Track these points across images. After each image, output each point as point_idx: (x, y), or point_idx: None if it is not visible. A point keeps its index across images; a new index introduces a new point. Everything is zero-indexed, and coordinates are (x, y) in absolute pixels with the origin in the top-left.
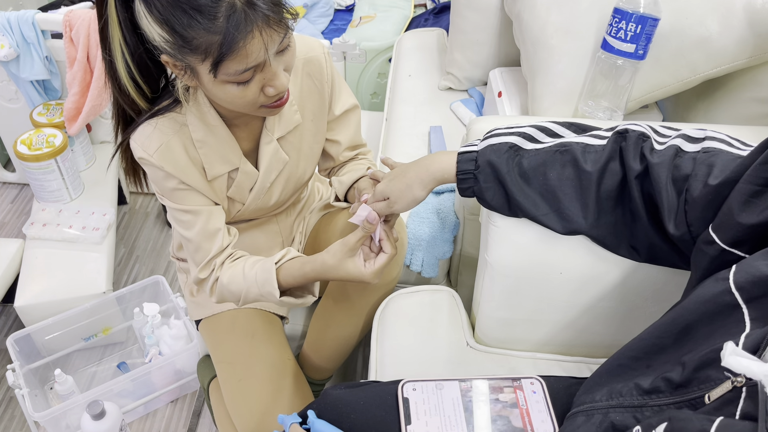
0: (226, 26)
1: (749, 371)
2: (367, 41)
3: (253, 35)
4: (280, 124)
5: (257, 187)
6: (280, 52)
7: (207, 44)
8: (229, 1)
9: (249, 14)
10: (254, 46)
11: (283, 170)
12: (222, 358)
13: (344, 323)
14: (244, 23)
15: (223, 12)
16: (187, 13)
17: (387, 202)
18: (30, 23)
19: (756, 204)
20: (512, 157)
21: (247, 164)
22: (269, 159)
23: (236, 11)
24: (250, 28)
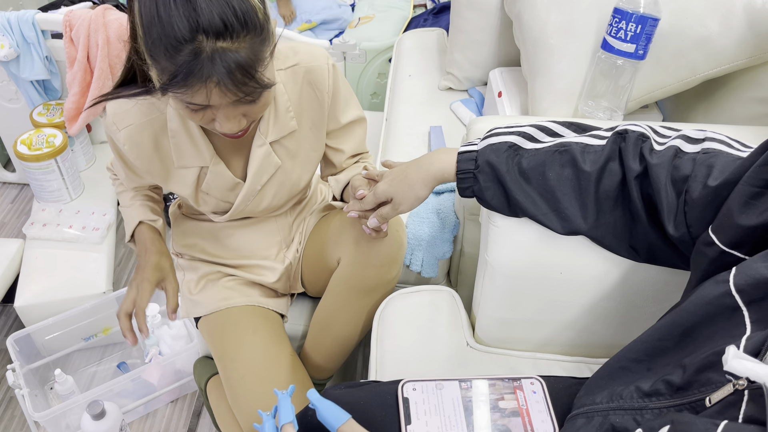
0: (183, 65)
1: (753, 374)
2: (366, 41)
3: (206, 85)
4: (274, 129)
5: (246, 190)
6: (243, 103)
7: (163, 66)
8: (197, 47)
9: (207, 68)
10: (201, 94)
11: (276, 175)
12: (223, 355)
13: (344, 323)
14: (199, 72)
15: (186, 53)
16: (159, 33)
17: (392, 205)
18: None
19: (755, 206)
20: (512, 157)
21: (219, 165)
22: (260, 162)
23: (198, 59)
24: (203, 79)
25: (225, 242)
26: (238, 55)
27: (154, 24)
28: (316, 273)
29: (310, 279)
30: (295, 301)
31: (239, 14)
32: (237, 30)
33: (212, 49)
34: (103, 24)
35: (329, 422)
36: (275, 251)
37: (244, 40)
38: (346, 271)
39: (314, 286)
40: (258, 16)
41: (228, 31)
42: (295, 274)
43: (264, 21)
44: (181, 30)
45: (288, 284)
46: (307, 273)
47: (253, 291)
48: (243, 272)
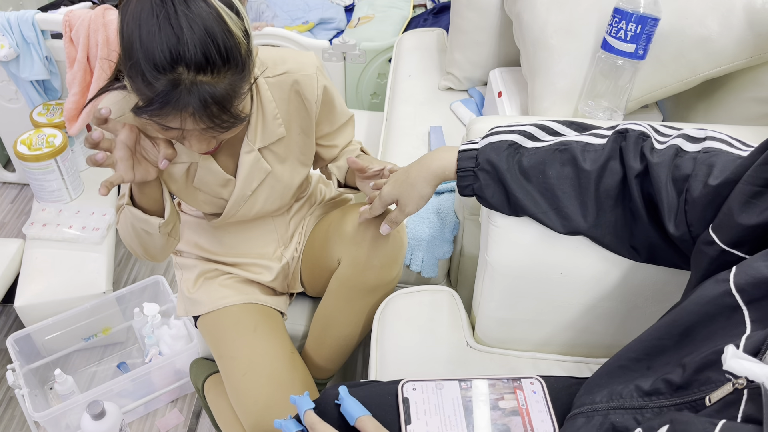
0: (161, 92)
1: (752, 374)
2: (366, 41)
3: (177, 115)
4: (263, 135)
5: (236, 194)
6: (209, 129)
7: (139, 89)
8: (176, 77)
9: (184, 99)
10: (175, 121)
11: (266, 180)
12: (224, 353)
13: (345, 323)
14: (175, 102)
15: (164, 83)
16: (138, 58)
17: (399, 208)
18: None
19: (756, 205)
20: (512, 155)
21: (208, 160)
22: (249, 168)
23: (176, 89)
24: (178, 109)
25: (222, 240)
26: (216, 90)
27: (136, 47)
28: (316, 273)
29: (310, 279)
30: (295, 301)
31: (222, 50)
32: (218, 65)
33: (191, 82)
34: (103, 24)
35: (351, 414)
36: (272, 249)
37: (224, 76)
38: (347, 272)
39: (314, 286)
40: (241, 51)
41: (209, 66)
42: (293, 273)
43: (246, 56)
44: (162, 59)
45: (286, 283)
46: (307, 273)
47: (251, 289)
48: (240, 270)
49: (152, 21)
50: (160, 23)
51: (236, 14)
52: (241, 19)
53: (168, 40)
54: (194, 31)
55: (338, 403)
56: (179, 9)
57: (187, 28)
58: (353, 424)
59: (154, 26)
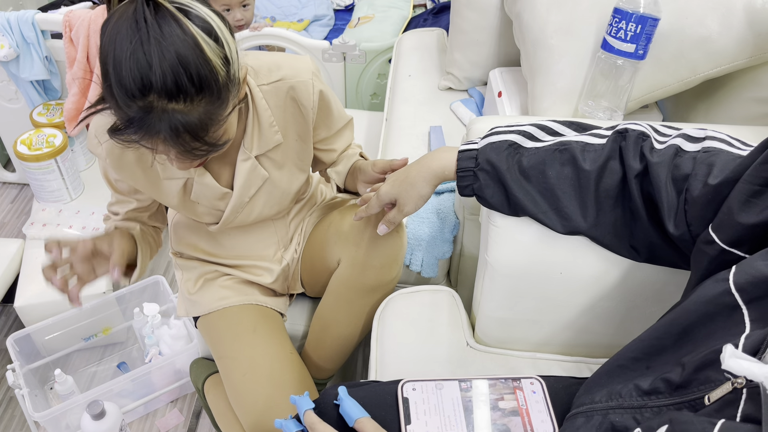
0: (133, 117)
1: (750, 373)
2: (366, 42)
3: (150, 139)
4: (259, 143)
5: (234, 202)
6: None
7: (115, 110)
8: (147, 104)
9: (155, 126)
10: (151, 144)
11: (264, 186)
12: (224, 353)
13: (344, 323)
14: (148, 128)
15: (136, 109)
16: (112, 81)
17: (397, 208)
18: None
19: (756, 204)
20: (512, 155)
21: (204, 176)
22: (246, 175)
23: (148, 115)
24: (151, 134)
25: (222, 242)
26: (189, 118)
27: (110, 71)
28: (316, 273)
29: (310, 279)
30: (295, 301)
31: (195, 78)
32: (191, 94)
33: (162, 109)
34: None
35: (350, 416)
36: (272, 252)
37: (198, 104)
38: (347, 272)
39: (314, 286)
40: (217, 79)
41: (181, 94)
42: (293, 274)
43: (224, 84)
44: (133, 86)
45: (286, 285)
46: (307, 273)
47: (251, 290)
48: (240, 272)
49: (126, 45)
50: (133, 48)
51: (215, 41)
52: (221, 45)
53: (139, 66)
54: (166, 59)
55: (338, 403)
56: (152, 34)
57: (159, 55)
58: (352, 425)
59: (127, 51)
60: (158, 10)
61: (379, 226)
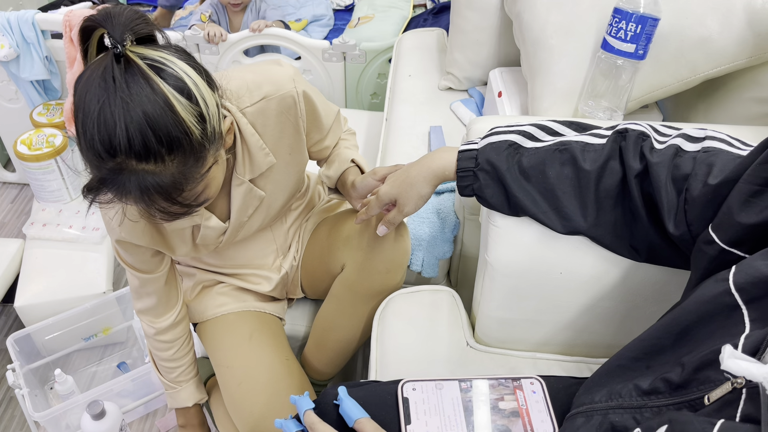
0: (105, 177)
1: (749, 373)
2: (366, 41)
3: (124, 198)
4: (251, 168)
5: (233, 224)
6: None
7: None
8: (117, 165)
9: (127, 187)
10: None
11: (261, 205)
12: (220, 361)
13: (346, 327)
14: (120, 188)
15: (108, 168)
16: (84, 141)
17: (397, 209)
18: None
19: (755, 204)
20: (512, 155)
21: (211, 220)
22: (242, 199)
23: (120, 175)
24: (124, 195)
25: (220, 252)
26: (160, 179)
27: (80, 131)
28: (317, 277)
29: (311, 283)
30: (295, 303)
31: (164, 138)
32: (161, 154)
33: (132, 170)
34: None
35: (349, 416)
36: (271, 260)
37: (170, 164)
38: (351, 277)
39: (315, 290)
40: (191, 139)
41: (150, 155)
42: (293, 281)
43: (199, 142)
44: (100, 148)
45: (284, 290)
46: (308, 277)
47: (248, 296)
48: (238, 281)
49: (93, 105)
50: (100, 108)
51: (188, 98)
52: (195, 103)
53: (106, 127)
54: (132, 119)
55: (337, 403)
56: (119, 94)
57: (126, 116)
58: (352, 426)
59: (94, 112)
60: (128, 68)
61: (379, 227)
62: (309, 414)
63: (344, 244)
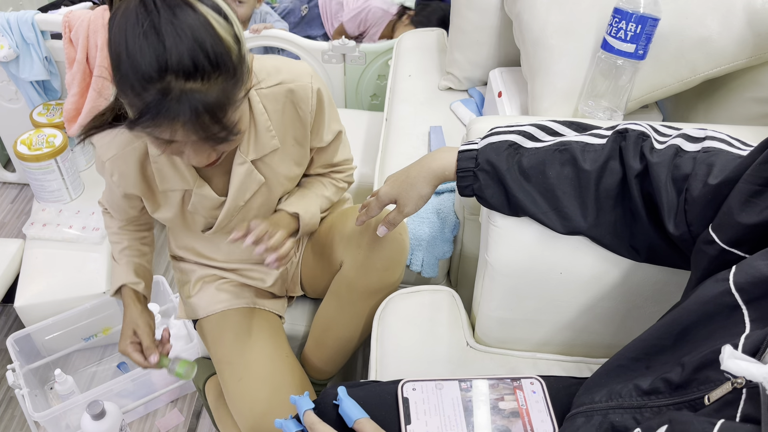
0: (151, 102)
1: (749, 374)
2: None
3: (169, 125)
4: (256, 147)
5: (228, 206)
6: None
7: (130, 102)
8: (165, 86)
9: (174, 109)
10: (168, 132)
11: (260, 191)
12: (221, 357)
13: (345, 325)
14: (166, 112)
15: (154, 93)
16: (126, 69)
17: (397, 209)
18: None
19: (756, 204)
20: (512, 155)
21: (203, 187)
22: (241, 180)
23: (166, 98)
24: (170, 119)
25: (220, 246)
26: (207, 97)
27: (123, 59)
28: (317, 275)
29: (310, 281)
30: (295, 302)
31: (211, 55)
32: (208, 71)
33: (180, 90)
34: (103, 25)
35: (349, 416)
36: None
37: (215, 82)
38: (350, 275)
39: (314, 288)
40: (231, 57)
41: (198, 72)
42: (293, 277)
43: (237, 62)
44: (149, 69)
45: (284, 287)
46: (307, 275)
47: (248, 293)
48: (238, 276)
49: (137, 31)
50: (146, 32)
51: (225, 19)
52: (230, 24)
53: (154, 49)
54: (181, 39)
55: (337, 403)
56: (164, 17)
57: (174, 36)
58: (351, 426)
59: (140, 36)
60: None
61: (379, 227)
62: (309, 414)
63: (343, 241)
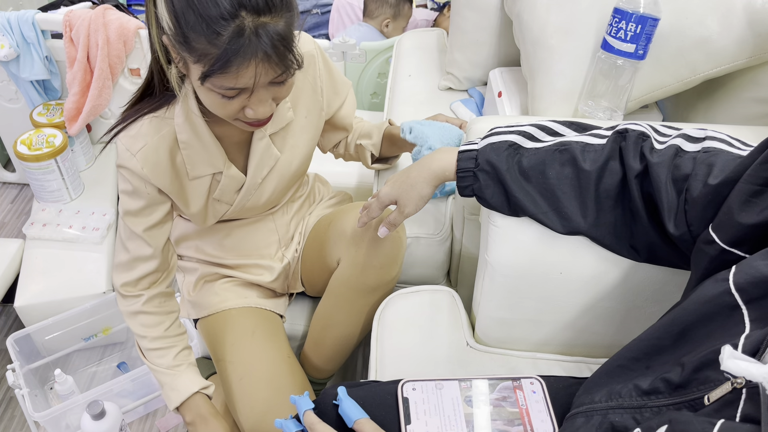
0: (227, 46)
1: (749, 374)
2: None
3: (249, 63)
4: (274, 121)
5: (247, 185)
6: (274, 83)
7: (203, 52)
8: (239, 24)
9: (254, 44)
10: (247, 73)
11: (275, 167)
12: (221, 357)
13: (344, 323)
14: (245, 50)
15: (230, 32)
16: (196, 17)
17: (397, 210)
18: (30, 23)
19: (756, 204)
20: (512, 156)
21: (231, 168)
22: (260, 155)
23: (242, 36)
24: (249, 56)
25: (223, 242)
26: (278, 28)
27: (191, 7)
28: (316, 273)
29: (310, 278)
30: (294, 302)
31: None
32: (276, 5)
33: (255, 25)
34: (103, 24)
35: (349, 416)
36: (273, 250)
37: (281, 15)
38: (346, 272)
39: (314, 285)
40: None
41: (268, 6)
42: (294, 273)
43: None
44: (225, 7)
45: (286, 284)
46: (307, 272)
47: (250, 292)
48: (241, 272)
49: None
50: None
51: None
52: None
53: None
54: None
55: (337, 403)
56: None
57: None
58: (351, 426)
59: None
60: None
61: (380, 228)
62: (309, 414)
63: (339, 238)
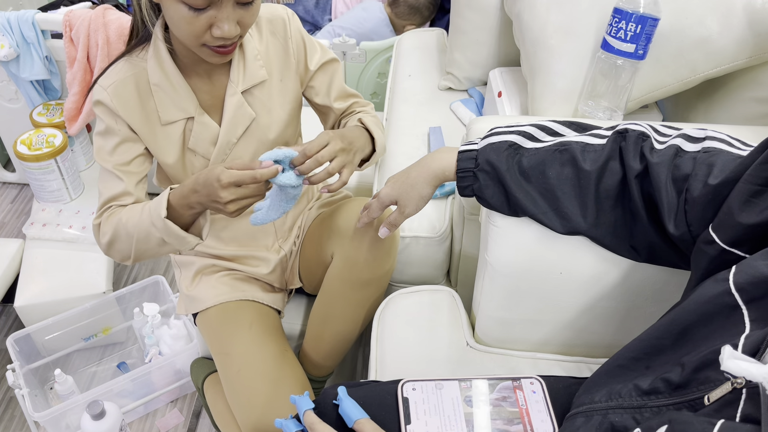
0: None
1: (749, 374)
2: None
3: None
4: (245, 78)
5: (221, 141)
6: (241, 4)
7: None
8: None
9: None
10: None
11: (252, 129)
12: (220, 349)
13: (341, 318)
14: None
15: None
16: None
17: (398, 210)
18: (30, 23)
19: (756, 204)
20: (512, 156)
21: (204, 116)
22: (233, 112)
23: None
24: None
25: (220, 234)
26: None
27: None
28: (313, 268)
29: (307, 274)
30: (292, 300)
31: None
32: None
33: None
34: (103, 24)
35: (349, 416)
36: (270, 242)
37: None
38: (339, 266)
39: (311, 281)
40: None
41: None
42: (292, 268)
43: None
44: None
45: (283, 278)
46: (304, 268)
47: (248, 287)
48: (238, 264)
49: None
50: None
51: None
52: None
53: None
54: None
55: (337, 403)
56: None
57: None
58: (351, 426)
59: None
60: None
61: (380, 229)
62: (309, 414)
63: (333, 233)
